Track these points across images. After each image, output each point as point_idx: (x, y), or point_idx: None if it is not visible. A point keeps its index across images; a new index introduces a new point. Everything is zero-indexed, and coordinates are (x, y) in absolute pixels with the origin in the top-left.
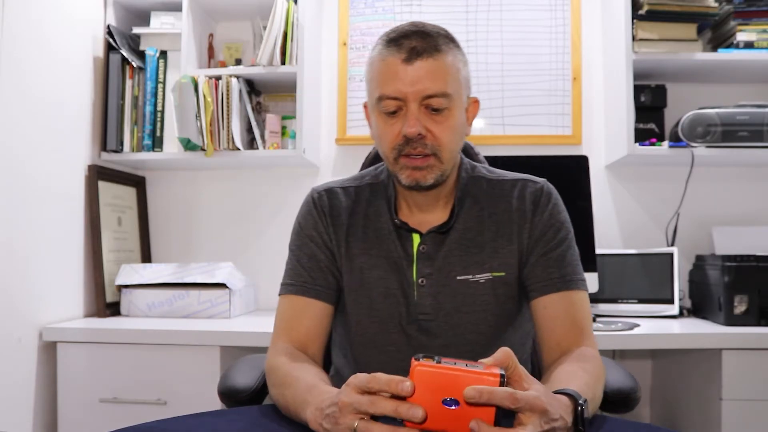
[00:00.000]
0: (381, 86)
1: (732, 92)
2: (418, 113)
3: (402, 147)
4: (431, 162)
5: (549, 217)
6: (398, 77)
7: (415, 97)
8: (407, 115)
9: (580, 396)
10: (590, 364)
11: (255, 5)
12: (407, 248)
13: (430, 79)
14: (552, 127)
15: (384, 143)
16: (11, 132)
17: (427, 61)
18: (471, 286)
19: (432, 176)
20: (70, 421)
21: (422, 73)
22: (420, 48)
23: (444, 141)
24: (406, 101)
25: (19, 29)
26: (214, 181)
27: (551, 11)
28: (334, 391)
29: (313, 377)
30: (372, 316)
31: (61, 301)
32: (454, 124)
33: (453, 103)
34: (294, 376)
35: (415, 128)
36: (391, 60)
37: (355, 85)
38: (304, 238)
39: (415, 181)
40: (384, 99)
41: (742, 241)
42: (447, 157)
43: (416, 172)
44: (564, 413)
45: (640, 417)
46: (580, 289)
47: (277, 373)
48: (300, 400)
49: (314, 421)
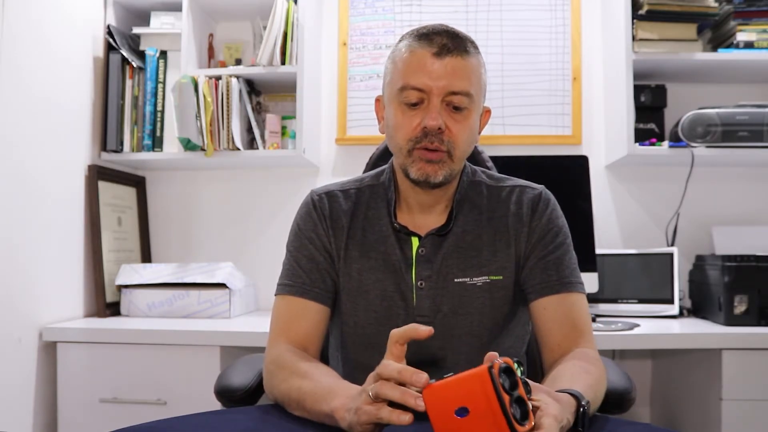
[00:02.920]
0: (406, 76)
1: (732, 92)
2: (440, 108)
3: (419, 139)
4: (444, 159)
5: (547, 222)
6: (426, 70)
7: (439, 92)
8: (429, 108)
9: (583, 397)
10: (592, 366)
11: (255, 5)
12: (406, 251)
13: (456, 77)
14: (552, 127)
15: (400, 134)
16: (11, 132)
17: (456, 59)
18: (468, 288)
19: (442, 173)
20: (70, 421)
21: (450, 70)
22: (451, 46)
23: (460, 140)
24: (429, 95)
25: (19, 29)
26: (214, 181)
27: (551, 11)
28: (359, 388)
29: (334, 374)
30: (370, 318)
31: (61, 301)
32: (471, 125)
33: (473, 105)
34: (312, 372)
35: (436, 121)
36: (420, 53)
37: (355, 85)
38: (302, 240)
39: (425, 176)
40: (407, 89)
41: (742, 241)
42: (459, 156)
43: (428, 166)
44: (569, 414)
45: (640, 417)
46: (578, 291)
47: (288, 367)
48: (324, 393)
49: (342, 407)
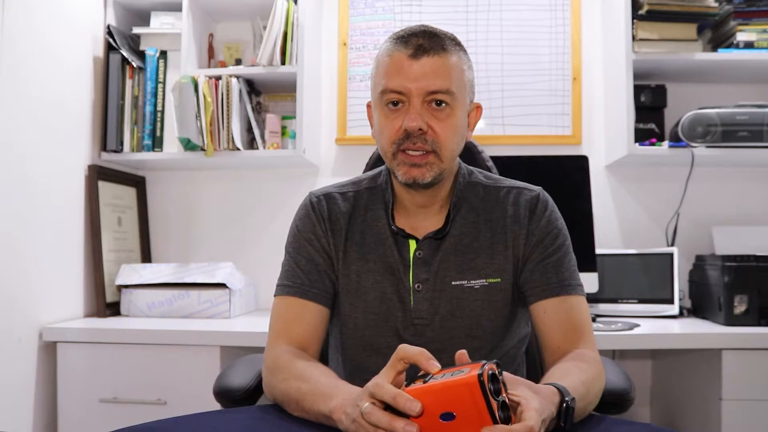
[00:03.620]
0: (385, 80)
1: (732, 92)
2: (420, 108)
3: (401, 141)
4: (430, 159)
5: (546, 224)
6: (403, 72)
7: (418, 93)
8: (409, 110)
9: (568, 393)
10: (586, 364)
11: (255, 5)
12: (404, 254)
13: (434, 76)
14: (552, 127)
15: (384, 138)
16: (11, 132)
17: (433, 59)
18: (465, 291)
19: (430, 174)
20: (70, 421)
21: (427, 70)
22: (427, 45)
23: (444, 138)
24: (409, 96)
25: (19, 29)
26: (214, 181)
27: (551, 11)
28: (359, 388)
29: (333, 374)
30: (368, 320)
31: (61, 301)
32: (455, 123)
33: (456, 102)
34: (311, 373)
35: (416, 122)
36: (397, 55)
37: (355, 85)
38: (301, 241)
39: (413, 179)
40: (387, 92)
41: (742, 241)
42: (446, 155)
43: (414, 170)
44: (551, 406)
45: (640, 417)
46: (578, 294)
47: (288, 368)
48: (322, 394)
49: (340, 409)
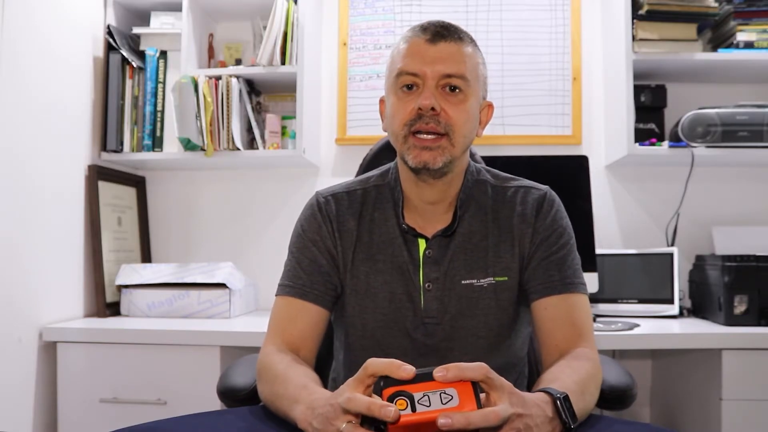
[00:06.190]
0: (402, 63)
1: (732, 92)
2: (434, 91)
3: (414, 122)
4: (442, 143)
5: (551, 222)
6: (420, 55)
7: (433, 75)
8: (423, 91)
9: (556, 391)
10: (580, 362)
11: (255, 5)
12: (413, 253)
13: (450, 60)
14: (552, 127)
15: (396, 121)
16: (11, 132)
17: (450, 44)
18: (475, 290)
19: (441, 159)
20: (70, 421)
21: (444, 55)
22: (445, 33)
23: (457, 121)
24: (424, 79)
25: (19, 29)
26: (214, 181)
27: (551, 11)
28: (326, 393)
29: (305, 377)
30: (377, 321)
31: (61, 301)
32: (468, 109)
33: (470, 90)
34: (286, 375)
35: (429, 101)
36: (415, 40)
37: (355, 85)
38: (306, 242)
39: (423, 163)
40: (403, 75)
41: (742, 241)
42: (459, 141)
43: (425, 153)
44: (535, 408)
45: (640, 417)
46: (580, 292)
47: (269, 371)
48: (291, 399)
49: (304, 420)
